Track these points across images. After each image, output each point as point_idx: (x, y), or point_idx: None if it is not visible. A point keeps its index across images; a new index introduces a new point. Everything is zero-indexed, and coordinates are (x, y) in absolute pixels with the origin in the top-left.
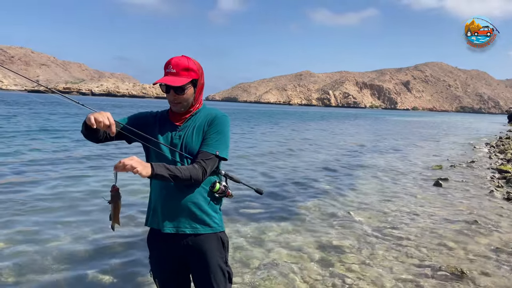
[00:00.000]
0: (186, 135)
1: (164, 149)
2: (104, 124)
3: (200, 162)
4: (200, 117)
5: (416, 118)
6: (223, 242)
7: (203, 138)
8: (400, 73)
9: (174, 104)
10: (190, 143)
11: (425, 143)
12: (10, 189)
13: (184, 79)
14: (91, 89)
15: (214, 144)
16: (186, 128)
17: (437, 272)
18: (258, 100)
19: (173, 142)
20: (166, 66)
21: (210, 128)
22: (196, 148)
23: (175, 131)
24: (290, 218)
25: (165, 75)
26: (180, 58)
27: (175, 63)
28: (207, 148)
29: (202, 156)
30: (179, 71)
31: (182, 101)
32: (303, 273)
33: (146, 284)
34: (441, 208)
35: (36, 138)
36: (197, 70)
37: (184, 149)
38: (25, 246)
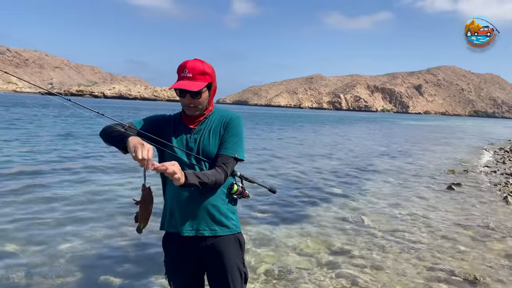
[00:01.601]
0: (202, 138)
1: (180, 152)
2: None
3: (222, 166)
4: (214, 119)
5: (428, 122)
6: (240, 243)
7: (220, 141)
8: (412, 76)
9: (189, 108)
10: (207, 146)
11: (437, 147)
12: (25, 191)
13: (201, 83)
14: (103, 91)
15: (232, 147)
16: (201, 131)
17: (450, 277)
18: (269, 103)
19: (189, 145)
20: (180, 69)
21: (227, 131)
22: (213, 151)
23: (190, 134)
24: (301, 222)
25: (180, 79)
26: (195, 62)
27: (191, 67)
28: (226, 151)
29: (222, 160)
30: (195, 75)
31: (197, 104)
32: (313, 277)
33: (158, 286)
34: (454, 213)
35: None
36: (212, 74)
37: (200, 152)
38: (37, 248)
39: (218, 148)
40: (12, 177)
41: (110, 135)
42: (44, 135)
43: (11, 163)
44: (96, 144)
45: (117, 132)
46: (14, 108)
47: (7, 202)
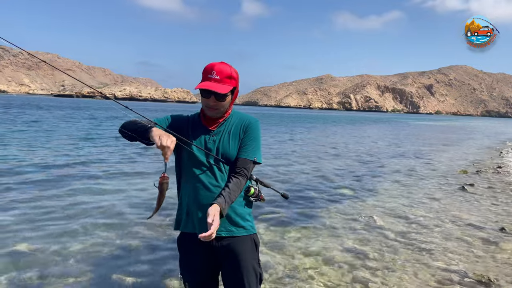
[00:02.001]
0: (222, 139)
1: (200, 153)
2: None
3: (243, 170)
4: (233, 122)
5: (440, 122)
6: (256, 244)
7: (239, 144)
8: (423, 76)
9: (211, 110)
10: (227, 148)
11: (449, 147)
12: (40, 191)
13: (228, 87)
14: (114, 93)
15: (252, 151)
16: (220, 133)
17: (463, 279)
18: (278, 104)
19: (207, 146)
20: (208, 71)
21: (246, 134)
22: (232, 153)
23: (209, 136)
24: (311, 223)
25: (207, 80)
26: (222, 65)
27: (219, 69)
28: (246, 155)
29: (242, 164)
30: (223, 78)
31: (220, 107)
32: (324, 279)
33: (175, 286)
34: (467, 214)
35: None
36: (237, 79)
37: (220, 153)
38: (50, 247)
39: (238, 151)
40: (30, 175)
41: (133, 127)
42: (73, 135)
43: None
44: (112, 146)
45: (141, 124)
46: (55, 110)
47: (22, 201)
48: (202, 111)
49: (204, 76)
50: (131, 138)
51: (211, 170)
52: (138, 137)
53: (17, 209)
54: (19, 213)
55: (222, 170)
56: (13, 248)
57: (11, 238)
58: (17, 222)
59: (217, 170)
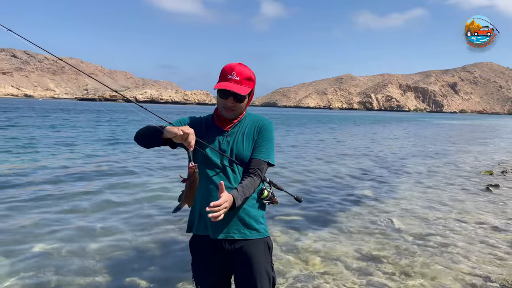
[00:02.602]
0: (236, 140)
1: (214, 154)
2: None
3: (257, 171)
4: (247, 123)
5: (464, 121)
6: (269, 247)
7: (253, 145)
8: (446, 74)
9: (229, 111)
10: (241, 149)
11: (473, 147)
12: (58, 191)
13: (247, 88)
14: (135, 96)
15: (266, 152)
16: (234, 134)
17: (486, 283)
18: (298, 105)
19: (221, 147)
20: (228, 71)
21: (260, 135)
22: (246, 154)
23: (223, 137)
24: (328, 226)
25: (226, 81)
26: (242, 66)
27: (239, 71)
28: (260, 155)
29: (256, 165)
30: (243, 80)
31: (237, 108)
32: (340, 283)
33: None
34: (492, 216)
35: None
36: (254, 81)
37: (234, 155)
38: (67, 247)
39: (251, 152)
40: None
41: (147, 132)
42: (102, 138)
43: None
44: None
45: (154, 127)
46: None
47: (38, 202)
48: (216, 112)
49: (223, 77)
50: (147, 143)
51: (224, 171)
52: (154, 139)
53: (34, 210)
54: (35, 213)
55: (235, 172)
56: (30, 248)
57: (29, 238)
58: (35, 224)
59: (231, 171)
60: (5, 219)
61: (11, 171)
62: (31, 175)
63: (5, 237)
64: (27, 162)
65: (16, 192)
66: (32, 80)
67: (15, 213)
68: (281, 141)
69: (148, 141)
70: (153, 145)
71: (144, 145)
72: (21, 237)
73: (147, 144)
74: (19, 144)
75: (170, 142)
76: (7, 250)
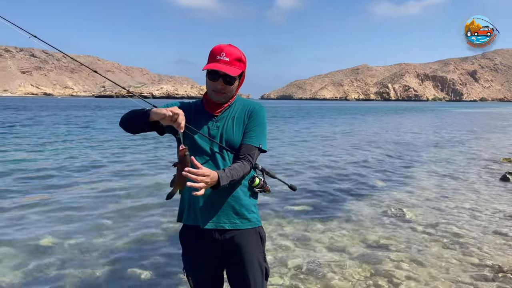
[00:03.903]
0: (226, 126)
1: (203, 140)
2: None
3: (247, 156)
4: (237, 107)
5: (484, 109)
6: (261, 237)
7: (244, 130)
8: (466, 62)
9: (218, 94)
10: (231, 134)
11: (492, 135)
12: (63, 185)
13: (237, 70)
14: (152, 92)
15: (257, 137)
16: (224, 119)
17: (498, 274)
18: (314, 97)
19: (211, 133)
20: (217, 52)
21: (251, 120)
22: (236, 140)
23: (212, 122)
24: (337, 216)
25: (216, 62)
26: (231, 47)
27: (229, 52)
28: (250, 141)
29: (247, 150)
30: (232, 60)
31: (227, 91)
32: (346, 273)
33: (184, 281)
34: (509, 205)
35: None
36: (245, 62)
37: (224, 140)
38: (70, 241)
39: (242, 137)
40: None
41: (133, 115)
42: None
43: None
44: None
45: (140, 110)
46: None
47: (44, 197)
48: (205, 97)
49: (212, 58)
50: (132, 127)
51: (213, 158)
52: (140, 123)
53: (39, 205)
54: (41, 208)
55: (225, 158)
56: (35, 241)
57: (34, 232)
58: (40, 219)
59: (220, 158)
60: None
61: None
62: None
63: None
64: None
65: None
66: (51, 78)
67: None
68: (293, 131)
69: (133, 124)
70: (140, 130)
71: (130, 129)
72: (25, 231)
73: (133, 128)
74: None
75: (158, 127)
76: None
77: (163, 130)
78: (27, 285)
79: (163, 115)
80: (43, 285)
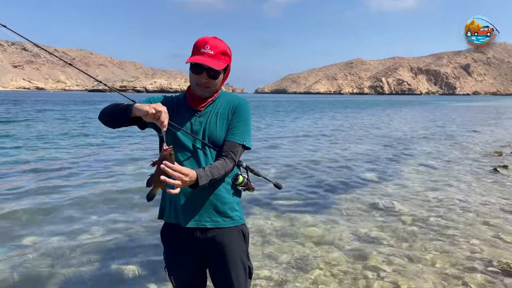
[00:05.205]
0: (209, 121)
1: (185, 136)
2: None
3: (230, 153)
4: (221, 103)
5: (477, 103)
6: (244, 235)
7: (227, 126)
8: (459, 56)
9: (202, 88)
10: (214, 130)
11: (484, 128)
12: (45, 182)
13: (222, 63)
14: (145, 86)
15: (240, 133)
16: (207, 114)
17: (487, 268)
18: (308, 91)
19: (193, 128)
20: (201, 45)
21: (235, 116)
22: (219, 136)
23: (195, 117)
24: (327, 209)
25: (199, 55)
26: (216, 40)
27: (214, 44)
28: (234, 137)
29: (230, 147)
30: (217, 54)
31: (211, 85)
32: (336, 268)
33: None
34: (498, 197)
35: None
36: (230, 56)
37: (206, 136)
38: (55, 239)
39: (225, 133)
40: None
41: (114, 109)
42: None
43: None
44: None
45: (121, 104)
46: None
47: (28, 194)
48: (188, 91)
49: (196, 51)
50: (113, 122)
51: (195, 155)
52: (121, 118)
53: (24, 200)
54: (24, 203)
55: (207, 155)
56: (19, 239)
57: (18, 230)
58: (24, 212)
59: (202, 154)
60: None
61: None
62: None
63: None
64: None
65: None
66: (43, 72)
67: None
68: (284, 126)
69: (114, 119)
70: (120, 125)
71: (110, 124)
72: (8, 228)
73: (113, 123)
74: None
75: (139, 122)
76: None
77: (144, 125)
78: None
79: (146, 112)
80: (27, 284)
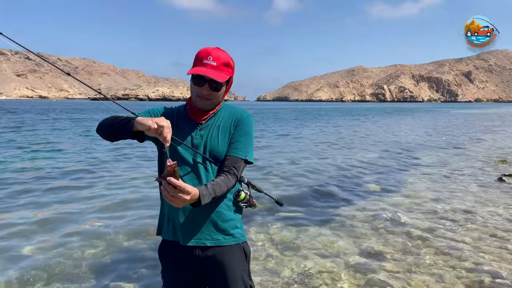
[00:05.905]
0: (210, 135)
1: (185, 150)
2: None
3: (232, 169)
4: (223, 115)
5: (479, 110)
6: (245, 253)
7: (229, 140)
8: (460, 63)
9: (203, 100)
10: (216, 144)
11: (487, 135)
12: (47, 192)
13: (225, 75)
14: (148, 94)
15: (243, 148)
16: (208, 127)
17: (495, 280)
18: (310, 98)
19: (194, 142)
20: (203, 55)
21: (237, 129)
22: (221, 151)
23: (196, 130)
24: (331, 221)
25: (202, 66)
26: (219, 50)
27: (217, 56)
28: (236, 152)
29: (232, 163)
30: (220, 65)
31: (213, 98)
32: (339, 284)
33: None
34: (505, 207)
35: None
36: (233, 68)
37: (207, 150)
38: (54, 251)
39: (227, 148)
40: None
41: (113, 122)
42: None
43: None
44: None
45: (122, 117)
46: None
47: (26, 204)
48: (189, 102)
49: (198, 61)
50: (112, 135)
51: (195, 169)
52: (121, 131)
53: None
54: (22, 215)
55: (208, 170)
56: (17, 250)
57: (17, 240)
58: (22, 223)
59: (203, 170)
60: None
61: None
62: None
63: None
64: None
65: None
66: (46, 81)
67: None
68: (291, 135)
69: (114, 132)
70: (119, 138)
71: (109, 137)
72: (8, 237)
73: (112, 136)
74: None
75: (139, 136)
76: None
77: (143, 137)
78: None
79: (148, 127)
80: None
